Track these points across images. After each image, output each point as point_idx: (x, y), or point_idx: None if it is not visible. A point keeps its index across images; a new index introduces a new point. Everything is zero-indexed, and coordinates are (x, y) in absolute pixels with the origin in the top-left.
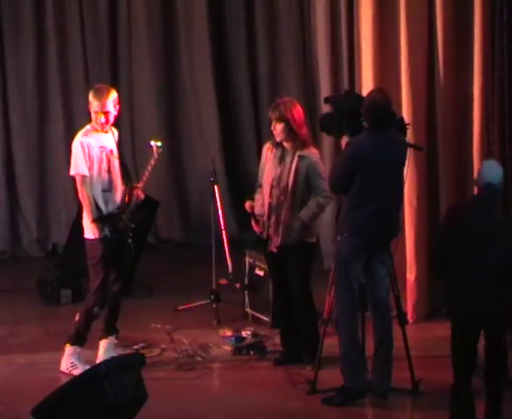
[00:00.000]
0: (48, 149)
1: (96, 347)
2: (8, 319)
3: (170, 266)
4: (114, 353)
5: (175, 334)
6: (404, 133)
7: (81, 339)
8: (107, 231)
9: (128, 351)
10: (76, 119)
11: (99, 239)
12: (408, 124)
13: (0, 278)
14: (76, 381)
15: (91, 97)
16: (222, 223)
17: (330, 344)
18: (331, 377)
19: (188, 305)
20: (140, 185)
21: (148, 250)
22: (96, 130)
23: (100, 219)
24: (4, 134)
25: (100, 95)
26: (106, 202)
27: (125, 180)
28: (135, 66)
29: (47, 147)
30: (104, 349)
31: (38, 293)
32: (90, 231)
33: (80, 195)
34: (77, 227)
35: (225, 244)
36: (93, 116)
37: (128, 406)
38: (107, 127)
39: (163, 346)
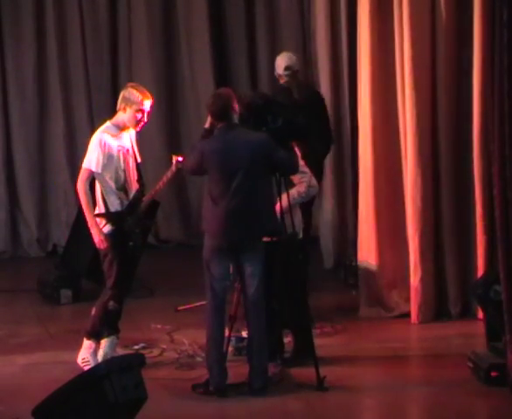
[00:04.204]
0: (48, 149)
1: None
2: (8, 320)
3: (171, 266)
4: (115, 353)
5: (175, 335)
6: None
7: (97, 333)
8: (109, 228)
9: (128, 351)
10: (76, 119)
11: (105, 235)
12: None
13: (0, 278)
14: (76, 381)
15: (134, 94)
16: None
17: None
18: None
19: (188, 306)
20: (151, 193)
21: (148, 250)
22: (116, 129)
23: (103, 215)
24: (4, 134)
25: (148, 95)
26: (120, 200)
27: (140, 182)
28: (135, 66)
29: (47, 147)
30: (105, 348)
31: (39, 293)
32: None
33: (79, 186)
34: (77, 227)
35: None
36: (132, 114)
37: (128, 406)
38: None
39: (164, 346)
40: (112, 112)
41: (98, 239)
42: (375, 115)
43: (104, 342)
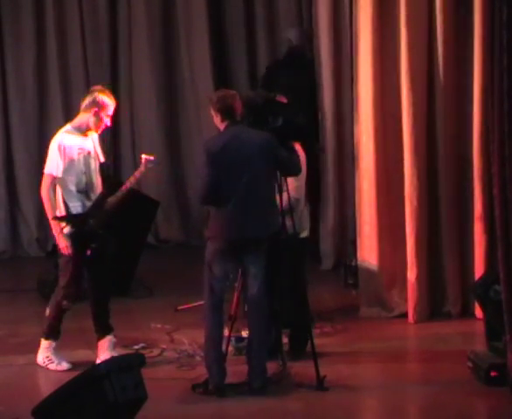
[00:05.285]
0: (48, 150)
1: (95, 347)
2: (8, 319)
3: (170, 266)
4: (114, 353)
5: (175, 334)
6: (304, 136)
7: (55, 332)
8: (68, 229)
9: (127, 351)
10: None
11: (68, 235)
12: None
13: (0, 277)
14: (76, 381)
15: (105, 98)
16: None
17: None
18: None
19: (188, 305)
20: (118, 194)
21: (147, 250)
22: (76, 132)
23: (61, 218)
24: (4, 135)
25: (112, 98)
26: (81, 202)
27: (106, 183)
28: (135, 66)
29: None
30: (103, 349)
31: (38, 293)
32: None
33: (43, 193)
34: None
35: None
36: (100, 117)
37: (127, 406)
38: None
39: (163, 346)
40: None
41: (63, 245)
42: (376, 115)
43: (101, 343)
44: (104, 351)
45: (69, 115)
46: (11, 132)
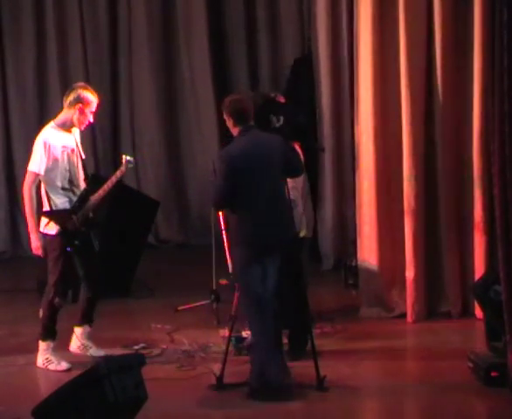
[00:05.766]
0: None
1: (99, 339)
2: (8, 320)
3: (170, 266)
4: (88, 342)
5: (175, 335)
6: (304, 136)
7: (51, 333)
8: (55, 230)
9: (128, 351)
10: None
11: (55, 235)
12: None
13: (0, 278)
14: (76, 381)
15: (89, 95)
16: (222, 223)
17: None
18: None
19: (188, 306)
20: (100, 193)
21: (148, 250)
22: (61, 129)
23: (45, 213)
24: (5, 135)
25: (95, 95)
26: (68, 198)
27: (86, 180)
28: (135, 67)
29: None
30: (78, 335)
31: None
32: (47, 227)
33: (24, 190)
34: None
35: (225, 244)
36: (84, 114)
37: (128, 406)
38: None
39: (164, 346)
40: (112, 112)
41: (35, 245)
42: (376, 115)
43: (77, 330)
44: (78, 337)
45: None
46: (12, 132)
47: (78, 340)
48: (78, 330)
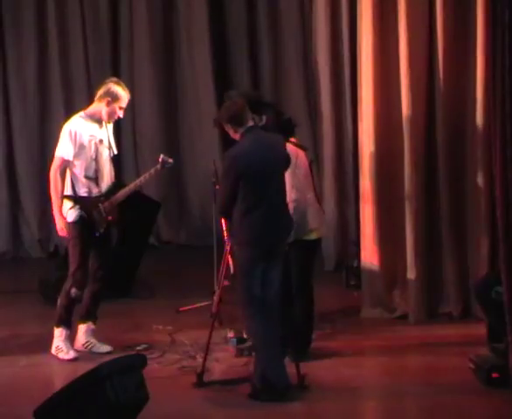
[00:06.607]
0: (50, 150)
1: (100, 340)
2: (9, 320)
3: (172, 267)
4: (92, 339)
5: (177, 335)
6: (291, 134)
7: (66, 321)
8: (75, 213)
9: (129, 352)
10: None
11: (74, 222)
12: (295, 125)
13: (2, 278)
14: (78, 382)
15: (120, 90)
16: (223, 224)
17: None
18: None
19: (190, 307)
20: (131, 186)
21: (149, 251)
22: (89, 120)
23: (71, 197)
24: (6, 135)
25: (127, 91)
26: (88, 188)
27: (116, 174)
28: (137, 67)
29: (49, 148)
30: (82, 334)
31: (40, 294)
32: (67, 215)
33: (51, 173)
34: None
35: (227, 246)
36: (114, 109)
37: (129, 407)
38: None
39: (165, 347)
40: None
41: (60, 226)
42: (377, 114)
43: (81, 327)
44: (82, 335)
45: (70, 116)
46: (13, 132)
47: (82, 337)
48: (82, 327)
